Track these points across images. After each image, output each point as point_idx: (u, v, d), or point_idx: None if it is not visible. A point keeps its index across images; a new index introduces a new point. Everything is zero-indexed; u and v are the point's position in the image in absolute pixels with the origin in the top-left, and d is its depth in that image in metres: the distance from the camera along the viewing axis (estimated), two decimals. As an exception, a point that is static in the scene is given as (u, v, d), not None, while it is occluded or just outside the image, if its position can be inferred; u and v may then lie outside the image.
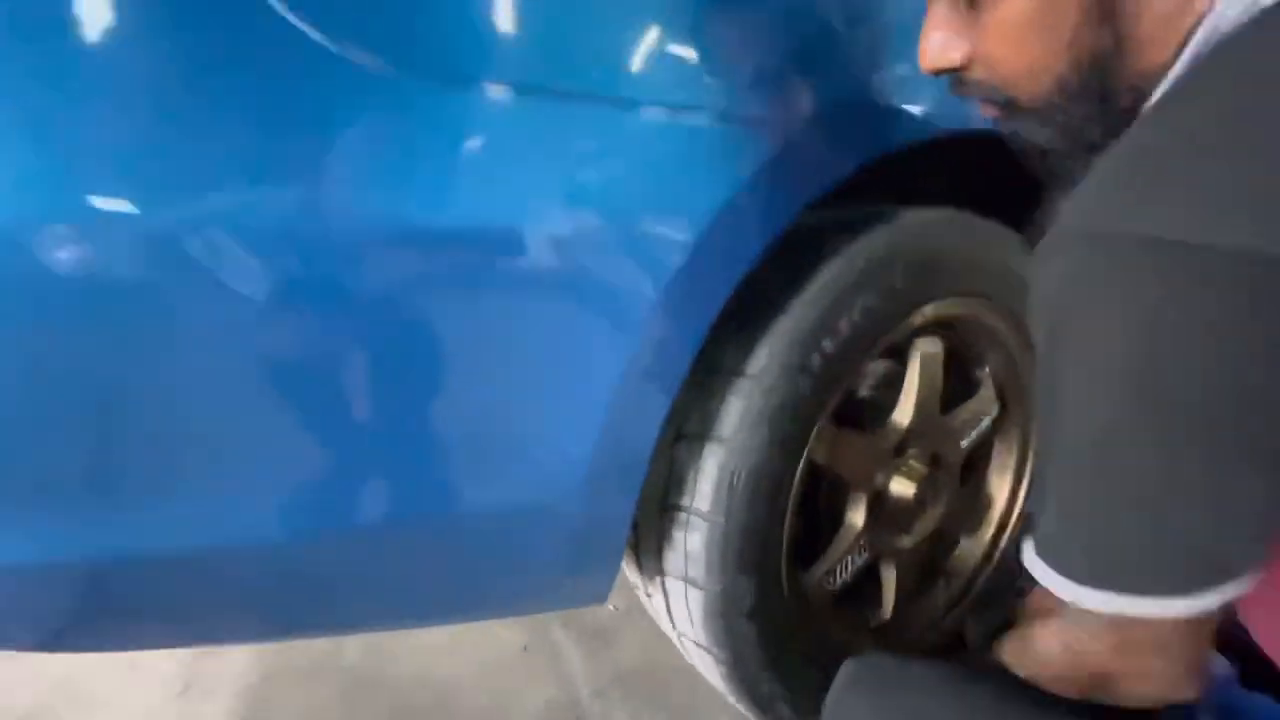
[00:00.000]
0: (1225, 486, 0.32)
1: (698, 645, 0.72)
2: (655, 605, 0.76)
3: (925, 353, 0.77)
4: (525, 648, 1.15)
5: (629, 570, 0.79)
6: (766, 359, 0.63)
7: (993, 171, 0.76)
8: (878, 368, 0.81)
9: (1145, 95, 0.37)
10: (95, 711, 1.10)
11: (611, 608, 1.19)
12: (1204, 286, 0.30)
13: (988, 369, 0.87)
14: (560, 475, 0.58)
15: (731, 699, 0.76)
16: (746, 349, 0.65)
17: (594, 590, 0.66)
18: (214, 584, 0.55)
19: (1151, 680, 0.38)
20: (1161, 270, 0.30)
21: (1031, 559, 0.38)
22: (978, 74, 0.41)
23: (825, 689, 0.47)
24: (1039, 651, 0.42)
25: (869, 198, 0.75)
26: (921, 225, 0.73)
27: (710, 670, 0.74)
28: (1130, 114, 0.38)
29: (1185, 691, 0.38)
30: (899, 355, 0.79)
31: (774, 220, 0.61)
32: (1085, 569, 0.36)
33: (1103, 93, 0.38)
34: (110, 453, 0.48)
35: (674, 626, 0.74)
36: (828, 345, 0.65)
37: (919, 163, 0.71)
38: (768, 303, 0.65)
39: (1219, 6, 0.33)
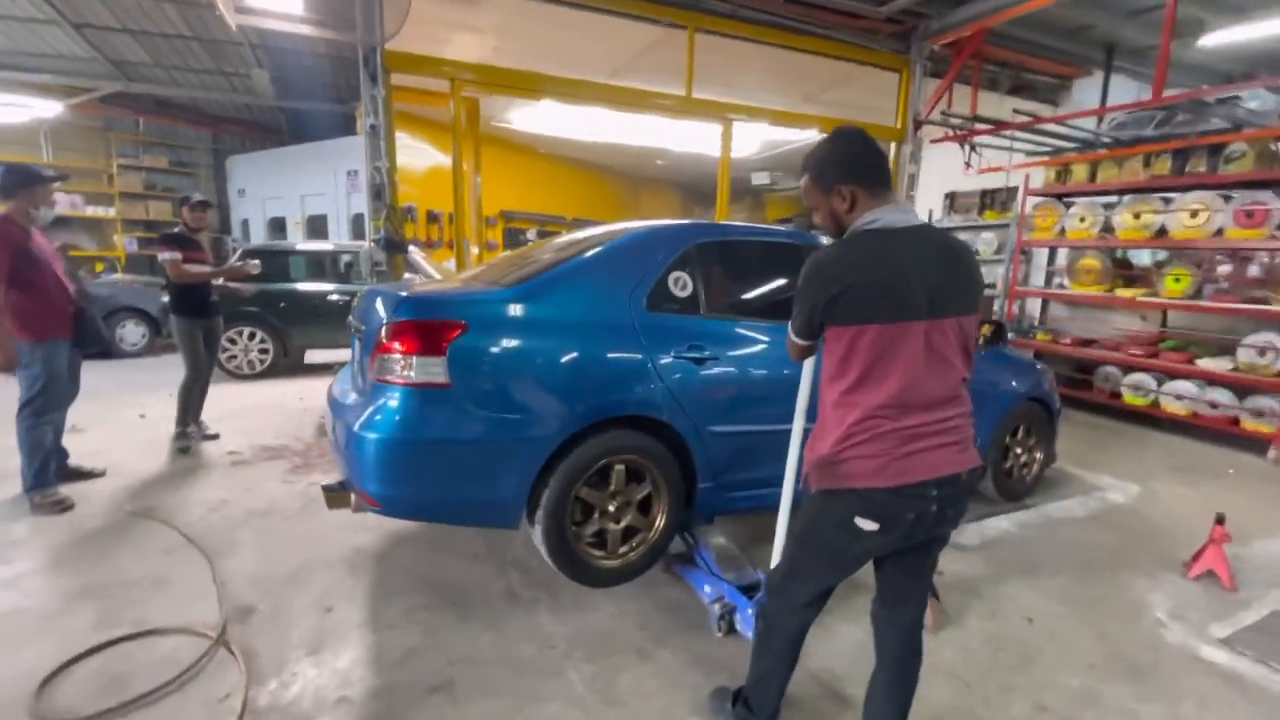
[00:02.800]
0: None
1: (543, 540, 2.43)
2: (535, 535, 2.45)
3: (618, 469, 2.48)
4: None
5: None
6: (563, 464, 2.36)
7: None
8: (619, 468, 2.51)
9: (844, 230, 1.50)
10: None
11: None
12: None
13: (649, 474, 2.56)
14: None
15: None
16: (559, 461, 2.35)
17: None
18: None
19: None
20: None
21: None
22: (818, 222, 1.57)
23: (575, 561, 2.48)
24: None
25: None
26: (614, 436, 2.46)
27: (541, 545, 2.45)
28: (843, 232, 1.50)
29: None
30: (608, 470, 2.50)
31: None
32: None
33: (838, 229, 1.52)
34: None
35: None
36: (580, 463, 2.38)
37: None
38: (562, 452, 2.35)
39: (859, 221, 1.45)
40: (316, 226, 10.43)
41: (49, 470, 3.33)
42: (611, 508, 2.53)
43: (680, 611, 2.47)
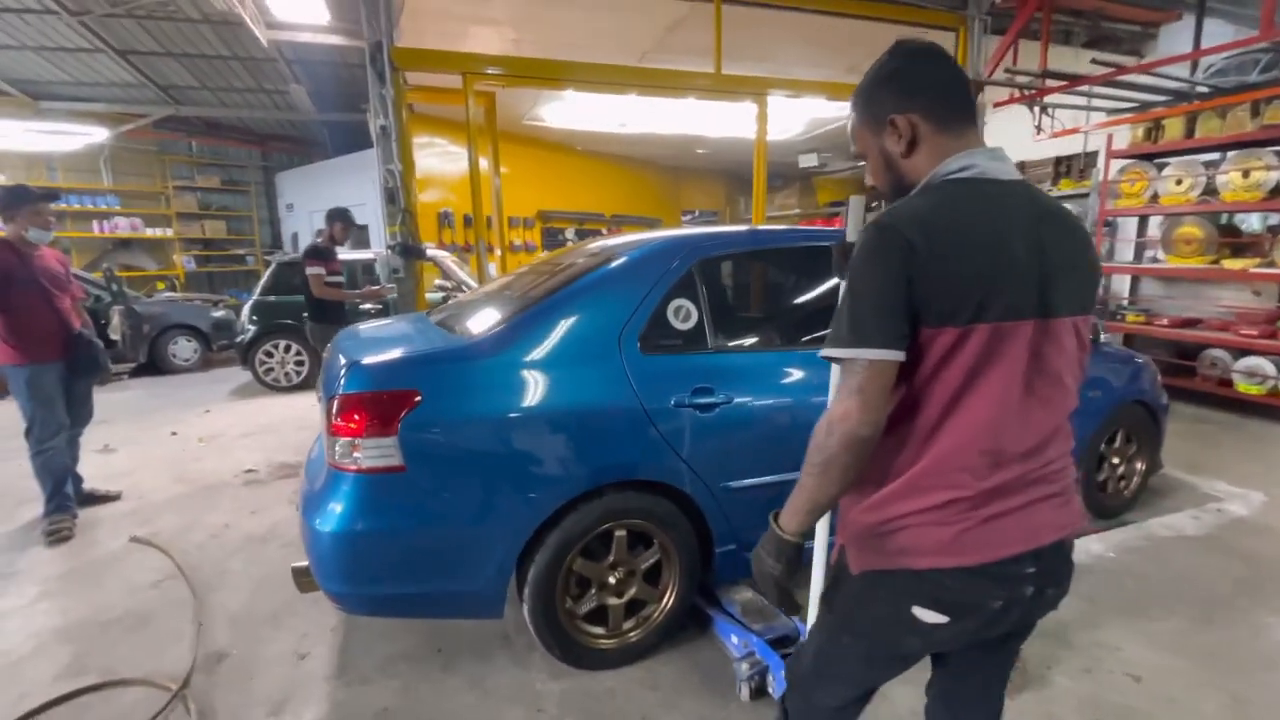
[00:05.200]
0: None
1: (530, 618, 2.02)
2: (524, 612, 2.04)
3: (618, 535, 2.05)
4: None
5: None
6: (551, 535, 1.95)
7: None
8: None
9: (909, 190, 1.03)
10: None
11: None
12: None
13: (657, 539, 2.12)
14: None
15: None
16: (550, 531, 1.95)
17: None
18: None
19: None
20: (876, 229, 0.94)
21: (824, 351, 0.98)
22: (870, 181, 1.11)
23: (568, 643, 2.06)
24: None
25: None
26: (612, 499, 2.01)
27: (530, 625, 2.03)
28: (907, 193, 1.03)
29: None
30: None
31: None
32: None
33: (898, 188, 1.06)
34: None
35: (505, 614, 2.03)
36: (572, 534, 1.97)
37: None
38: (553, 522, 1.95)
39: (941, 168, 0.99)
40: (360, 237, 10.52)
41: (60, 496, 3.25)
42: (612, 580, 2.09)
43: (700, 667, 2.09)
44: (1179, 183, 5.14)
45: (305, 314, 4.96)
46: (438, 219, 9.46)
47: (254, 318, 6.49)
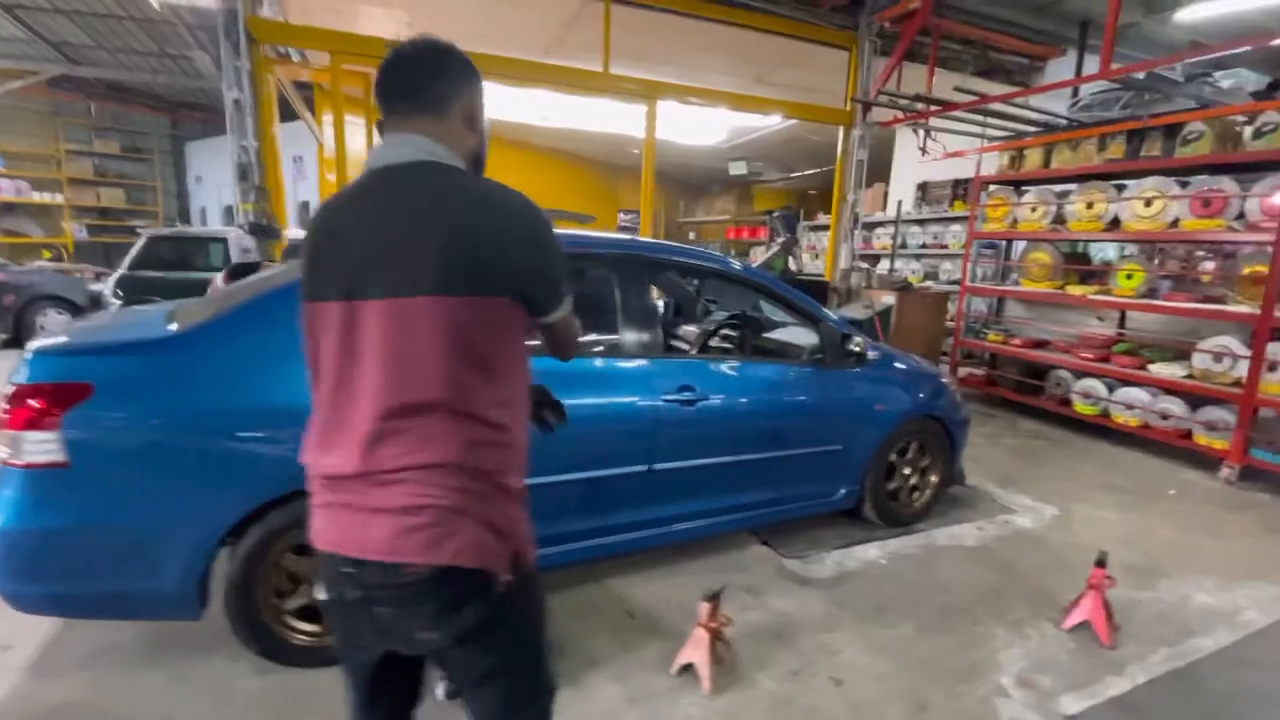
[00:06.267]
0: None
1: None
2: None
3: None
4: None
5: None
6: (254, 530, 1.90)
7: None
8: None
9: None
10: None
11: None
12: None
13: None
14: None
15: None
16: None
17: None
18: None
19: None
20: None
21: None
22: None
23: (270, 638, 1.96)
24: None
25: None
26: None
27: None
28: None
29: None
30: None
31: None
32: None
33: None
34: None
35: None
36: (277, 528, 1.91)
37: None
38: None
39: None
40: (269, 214, 10.16)
41: None
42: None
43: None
44: (1034, 209, 5.39)
45: None
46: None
47: (119, 292, 6.18)
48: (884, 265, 8.78)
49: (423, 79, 1.00)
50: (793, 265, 9.89)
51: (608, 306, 2.45)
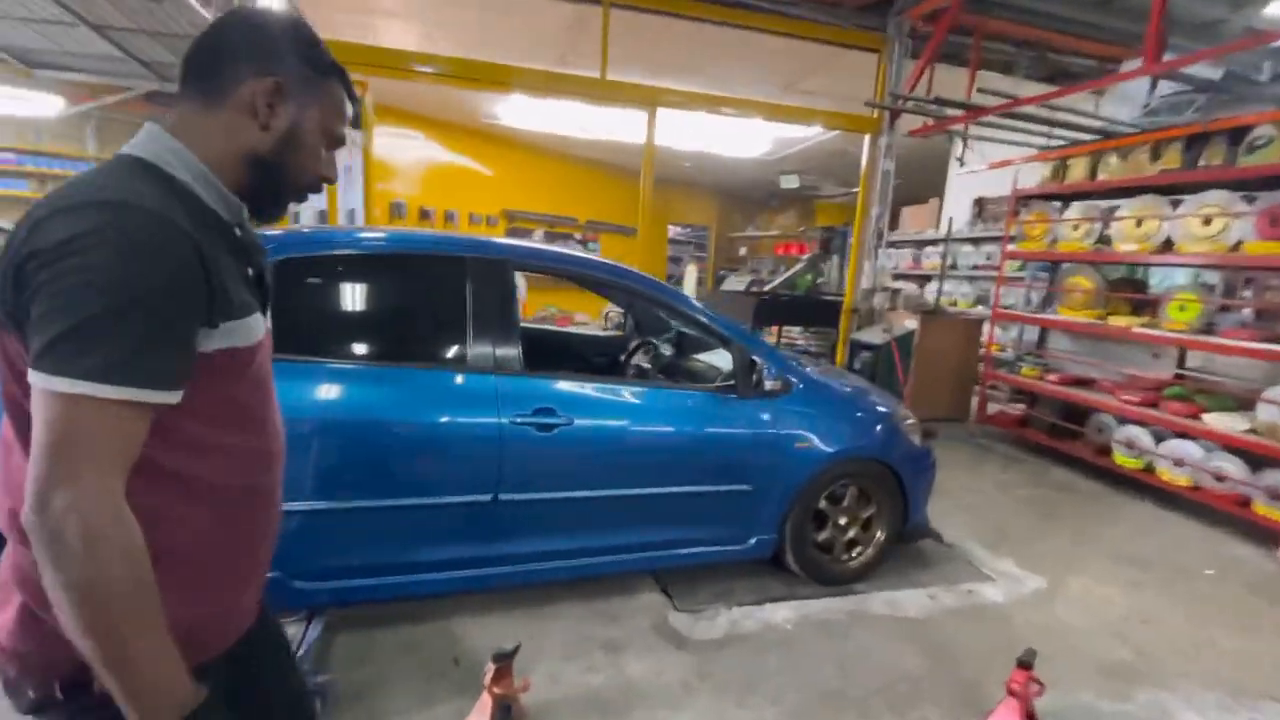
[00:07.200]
0: None
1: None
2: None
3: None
4: None
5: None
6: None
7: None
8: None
9: None
10: None
11: None
12: None
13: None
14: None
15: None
16: None
17: None
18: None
19: None
20: None
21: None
22: None
23: None
24: None
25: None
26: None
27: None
28: None
29: None
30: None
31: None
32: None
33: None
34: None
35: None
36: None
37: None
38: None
39: None
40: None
41: None
42: None
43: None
44: (1076, 228, 4.70)
45: None
46: (389, 208, 9.53)
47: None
48: (933, 287, 8.06)
49: (200, 56, 0.83)
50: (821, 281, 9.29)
51: (448, 315, 2.22)
